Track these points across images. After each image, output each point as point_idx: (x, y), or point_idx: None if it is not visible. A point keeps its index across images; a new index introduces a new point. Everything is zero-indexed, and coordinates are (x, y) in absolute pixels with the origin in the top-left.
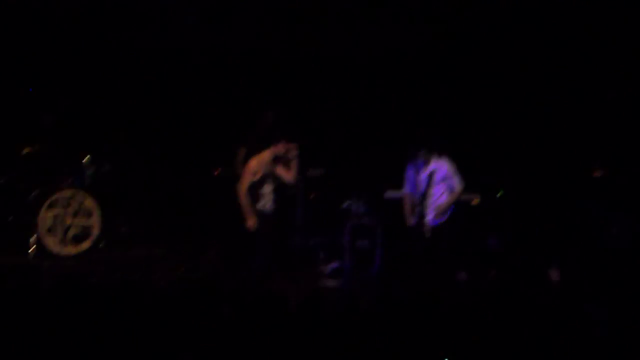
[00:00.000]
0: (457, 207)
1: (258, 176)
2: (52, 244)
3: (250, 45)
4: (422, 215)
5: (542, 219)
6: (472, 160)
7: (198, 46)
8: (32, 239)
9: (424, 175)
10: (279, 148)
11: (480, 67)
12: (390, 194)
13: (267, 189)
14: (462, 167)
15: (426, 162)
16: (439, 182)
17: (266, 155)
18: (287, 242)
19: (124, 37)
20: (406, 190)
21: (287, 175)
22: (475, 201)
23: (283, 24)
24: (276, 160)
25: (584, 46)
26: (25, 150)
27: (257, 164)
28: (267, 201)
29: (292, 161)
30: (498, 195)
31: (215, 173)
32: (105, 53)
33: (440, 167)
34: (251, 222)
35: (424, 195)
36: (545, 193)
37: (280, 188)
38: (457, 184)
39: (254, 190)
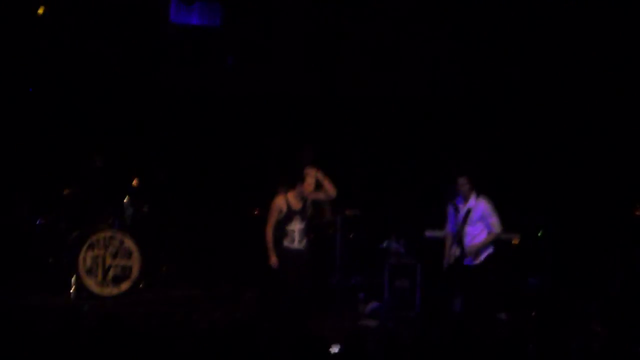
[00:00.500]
0: (497, 247)
1: (284, 213)
2: (92, 284)
3: (289, 85)
4: (460, 255)
5: (583, 259)
6: (513, 198)
7: (236, 87)
8: (72, 280)
9: (461, 213)
10: (306, 179)
11: (521, 103)
12: (430, 232)
13: (295, 226)
14: (502, 206)
15: (465, 199)
16: (475, 222)
17: (296, 190)
18: (326, 282)
19: (164, 79)
20: (447, 229)
21: (329, 190)
22: (516, 241)
23: (319, 63)
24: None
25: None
26: (66, 191)
27: (282, 200)
28: (295, 238)
29: (324, 181)
30: (539, 234)
31: (255, 213)
32: (145, 95)
33: (478, 205)
34: (273, 260)
35: (459, 234)
36: (587, 232)
37: (316, 227)
38: (495, 225)
39: (282, 227)
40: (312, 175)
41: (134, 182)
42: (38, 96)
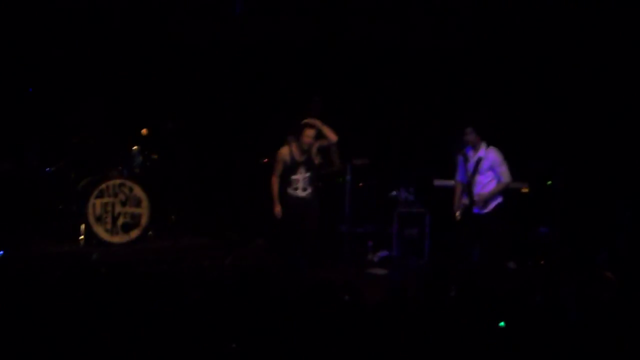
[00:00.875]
0: (506, 197)
1: (288, 163)
2: (102, 232)
3: (297, 34)
4: (469, 203)
5: (593, 208)
6: (522, 147)
7: (244, 38)
8: (82, 228)
9: (471, 162)
10: (305, 130)
11: (531, 52)
12: (439, 182)
13: (299, 175)
14: (512, 155)
15: (474, 149)
16: (485, 171)
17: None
18: (336, 230)
19: (171, 27)
20: (457, 177)
21: (329, 135)
22: (525, 189)
23: (328, 13)
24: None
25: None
26: (74, 140)
27: (287, 151)
28: (298, 187)
29: (323, 128)
30: (548, 183)
31: (264, 162)
32: (153, 46)
33: (488, 155)
34: (277, 209)
35: (469, 183)
36: (596, 181)
37: (325, 176)
38: (504, 174)
39: (287, 176)
40: (310, 126)
41: (143, 131)
42: (47, 46)
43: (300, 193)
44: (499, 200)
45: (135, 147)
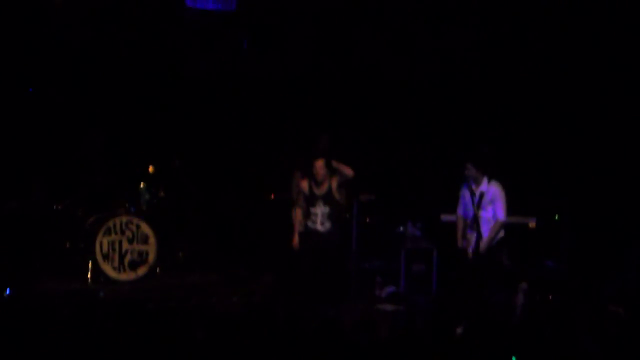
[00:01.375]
0: (512, 231)
1: (307, 196)
2: (109, 269)
3: (305, 70)
4: (476, 239)
5: (600, 243)
6: (529, 182)
7: (252, 72)
8: (89, 265)
9: (475, 197)
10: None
11: (540, 88)
12: (446, 217)
13: (319, 209)
14: (519, 189)
15: (476, 183)
16: (487, 205)
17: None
18: (344, 266)
19: (179, 63)
20: (458, 212)
21: (345, 171)
22: (532, 224)
23: (335, 48)
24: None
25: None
26: (81, 177)
27: (305, 183)
28: (316, 221)
29: (339, 166)
30: (555, 218)
31: (271, 197)
32: (160, 82)
33: (490, 189)
34: (294, 241)
35: (475, 218)
36: (603, 215)
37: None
38: (500, 210)
39: (307, 209)
40: (320, 165)
41: (150, 169)
42: (55, 83)
43: (319, 227)
44: (501, 234)
45: (142, 184)
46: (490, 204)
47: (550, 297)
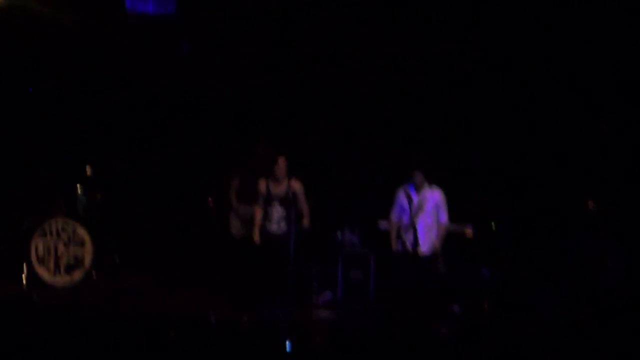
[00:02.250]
0: (450, 238)
1: (264, 195)
2: (44, 273)
3: (244, 74)
4: (414, 245)
5: (535, 251)
6: (466, 190)
7: (193, 78)
8: (24, 269)
9: (414, 202)
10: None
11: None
12: (384, 223)
13: (275, 210)
14: (456, 197)
15: (418, 189)
16: (430, 211)
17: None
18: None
19: (119, 67)
20: (392, 217)
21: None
22: (469, 232)
23: (274, 52)
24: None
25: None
26: (18, 179)
27: (263, 184)
28: (272, 221)
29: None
30: (492, 226)
31: (208, 201)
32: (99, 85)
33: (432, 195)
34: (255, 237)
35: (412, 223)
36: (539, 224)
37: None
38: (446, 216)
39: (264, 209)
40: (282, 162)
41: (87, 170)
42: None
43: (273, 227)
44: (435, 246)
45: (79, 187)
46: (434, 210)
47: (485, 305)
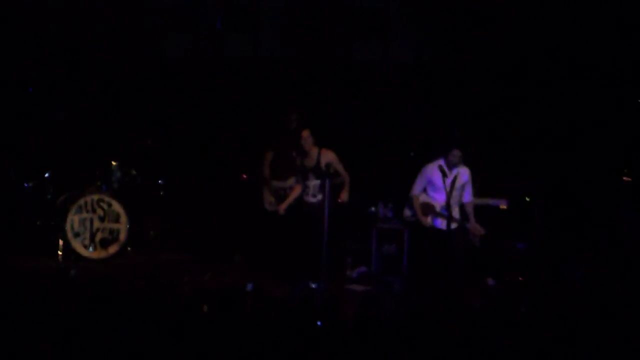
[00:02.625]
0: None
1: (300, 168)
2: (80, 247)
3: (275, 52)
4: (448, 219)
5: (570, 225)
6: (501, 164)
7: (224, 54)
8: (60, 243)
9: (449, 178)
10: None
11: (510, 68)
12: (407, 212)
13: (311, 181)
14: (491, 171)
15: (451, 166)
16: (460, 188)
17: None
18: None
19: (152, 43)
20: (415, 190)
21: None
22: (504, 206)
23: (303, 30)
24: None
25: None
26: (53, 155)
27: (298, 157)
28: (309, 193)
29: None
30: (527, 200)
31: (243, 177)
32: (133, 60)
33: (463, 172)
34: (284, 205)
35: (448, 199)
36: (575, 198)
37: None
38: (470, 195)
39: (302, 182)
40: (307, 134)
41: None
42: (25, 62)
43: (311, 199)
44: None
45: (114, 163)
46: (462, 187)
47: (520, 279)
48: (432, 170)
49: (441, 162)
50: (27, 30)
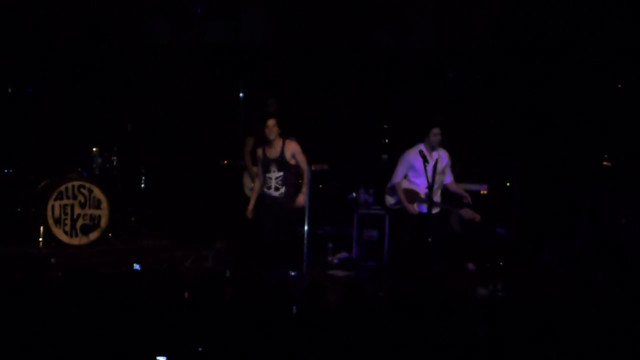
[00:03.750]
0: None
1: (261, 161)
2: (61, 234)
3: (256, 38)
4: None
5: (550, 209)
6: (482, 149)
7: (203, 40)
8: (41, 230)
9: (430, 163)
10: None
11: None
12: (389, 199)
13: (273, 173)
14: (472, 156)
15: (431, 150)
16: (441, 172)
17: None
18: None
19: (132, 29)
20: (397, 177)
21: (301, 162)
22: (484, 191)
23: (288, 13)
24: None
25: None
26: (33, 141)
27: (260, 149)
28: (271, 185)
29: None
30: (507, 185)
31: (223, 163)
32: (113, 46)
33: (443, 155)
34: (249, 209)
35: (431, 184)
36: (554, 183)
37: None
38: (450, 177)
39: (262, 174)
40: (272, 123)
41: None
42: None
43: (273, 192)
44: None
45: (94, 149)
46: (443, 171)
47: (500, 263)
48: (413, 156)
49: (421, 146)
50: (4, 16)
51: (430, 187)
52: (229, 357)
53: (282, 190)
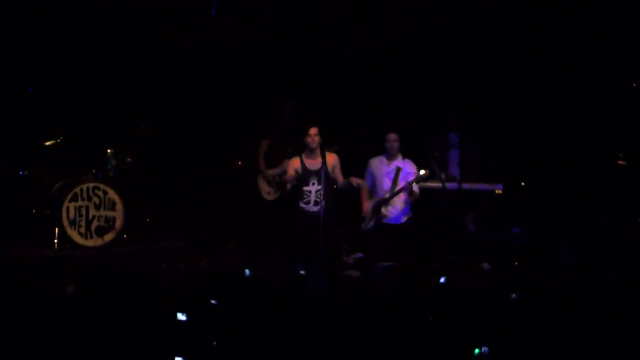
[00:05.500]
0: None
1: (300, 173)
2: (76, 236)
3: (272, 37)
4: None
5: (565, 209)
6: (496, 149)
7: (219, 41)
8: (56, 231)
9: (391, 173)
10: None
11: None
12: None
13: (311, 187)
14: (486, 156)
15: (392, 157)
16: (403, 180)
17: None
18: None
19: (145, 31)
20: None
21: (339, 176)
22: (499, 191)
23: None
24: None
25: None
26: (49, 143)
27: (297, 160)
28: (311, 200)
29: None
30: (522, 184)
31: (238, 164)
32: (127, 48)
33: (406, 165)
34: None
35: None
36: (570, 182)
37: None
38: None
39: (299, 187)
40: (315, 132)
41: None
42: (20, 48)
43: (312, 207)
44: (411, 214)
45: (109, 150)
46: (405, 178)
47: (516, 263)
48: (380, 163)
49: (383, 156)
50: (21, 18)
51: (389, 199)
52: (242, 352)
53: (323, 204)
